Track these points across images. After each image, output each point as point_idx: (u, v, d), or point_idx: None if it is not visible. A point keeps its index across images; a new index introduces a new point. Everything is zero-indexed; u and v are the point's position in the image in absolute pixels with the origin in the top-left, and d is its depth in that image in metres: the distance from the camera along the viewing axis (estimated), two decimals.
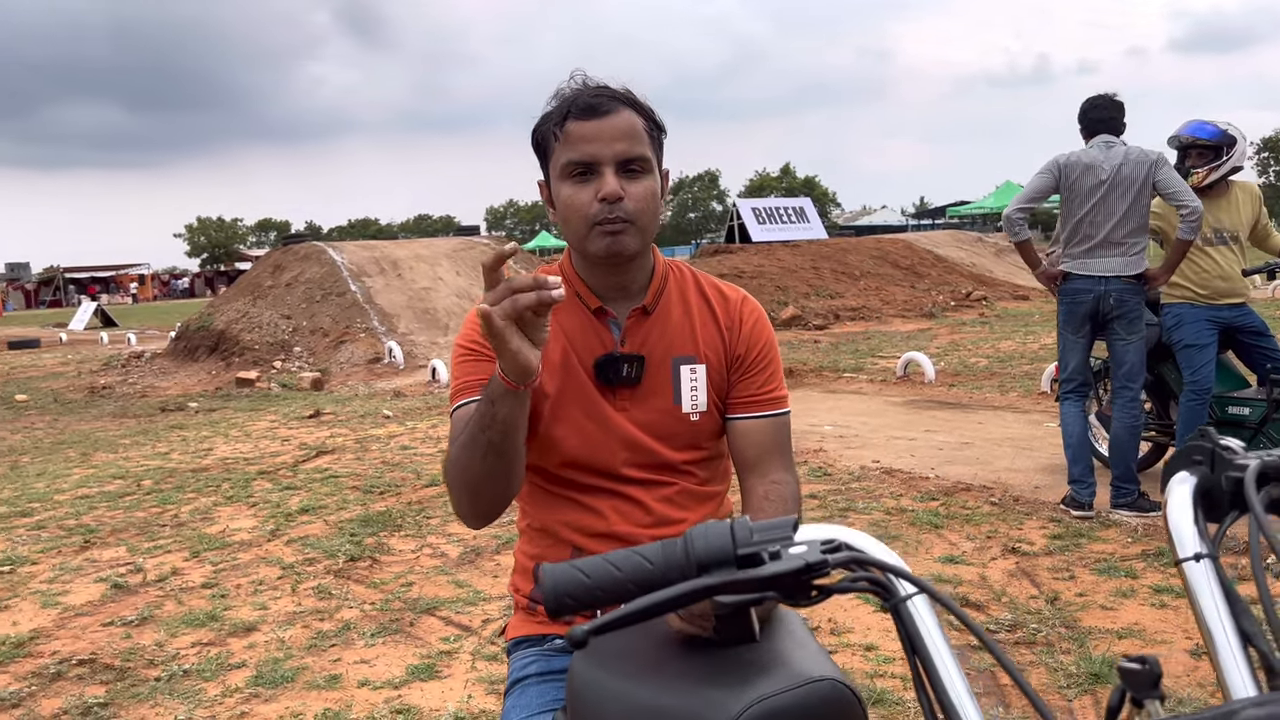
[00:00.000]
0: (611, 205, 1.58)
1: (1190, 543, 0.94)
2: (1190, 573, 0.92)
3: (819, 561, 0.86)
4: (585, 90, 1.63)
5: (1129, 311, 5.00)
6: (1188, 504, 0.97)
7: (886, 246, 23.32)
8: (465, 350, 1.68)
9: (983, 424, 7.91)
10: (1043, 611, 3.95)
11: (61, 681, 3.82)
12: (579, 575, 0.89)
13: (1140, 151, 4.96)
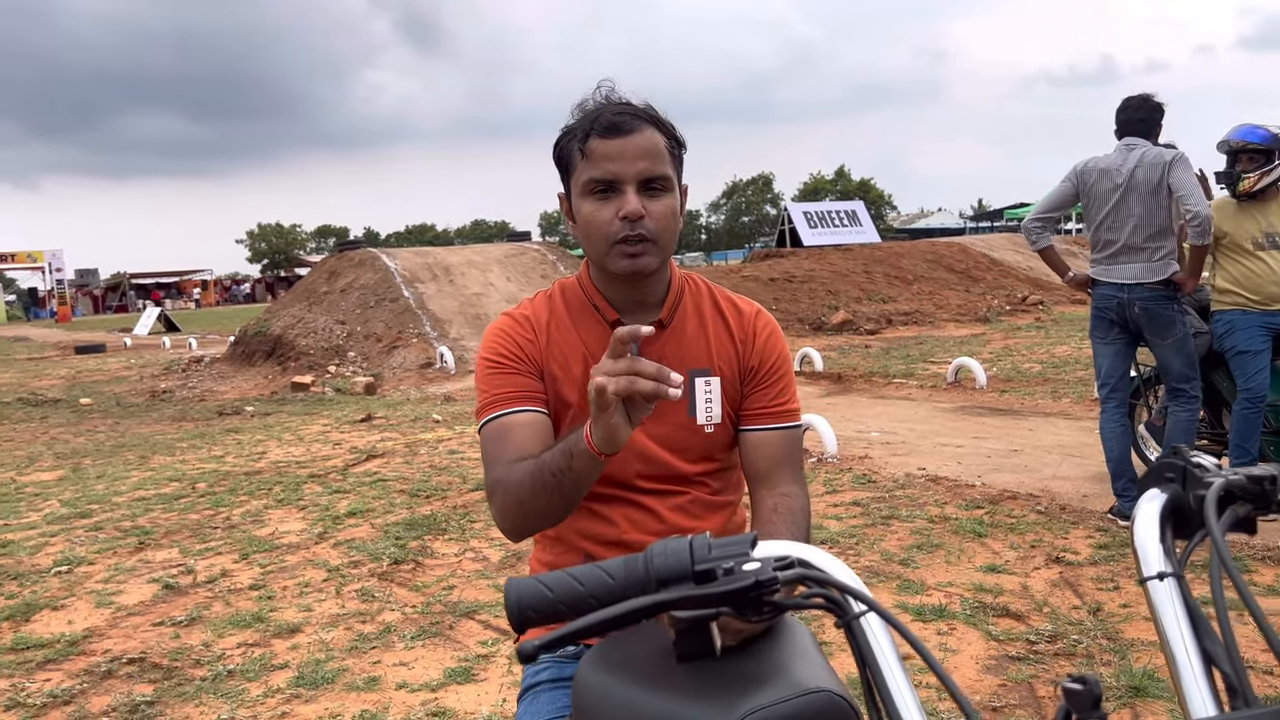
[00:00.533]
0: (633, 224, 1.60)
1: (1155, 561, 0.94)
2: (1154, 591, 0.92)
3: (770, 578, 0.87)
4: (609, 107, 1.65)
5: (1156, 317, 4.91)
6: (1154, 521, 0.97)
7: (941, 250, 23.08)
8: (492, 363, 1.71)
9: (1033, 431, 7.81)
10: (1084, 623, 3.90)
11: (112, 680, 3.93)
12: (542, 589, 0.91)
13: (1156, 153, 4.88)
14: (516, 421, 1.65)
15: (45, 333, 39.59)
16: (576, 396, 1.70)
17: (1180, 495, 0.99)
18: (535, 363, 1.70)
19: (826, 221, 25.12)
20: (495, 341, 1.73)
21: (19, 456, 9.55)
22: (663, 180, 1.63)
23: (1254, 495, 0.98)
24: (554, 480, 1.48)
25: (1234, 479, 0.96)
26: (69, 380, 17.66)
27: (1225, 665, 0.84)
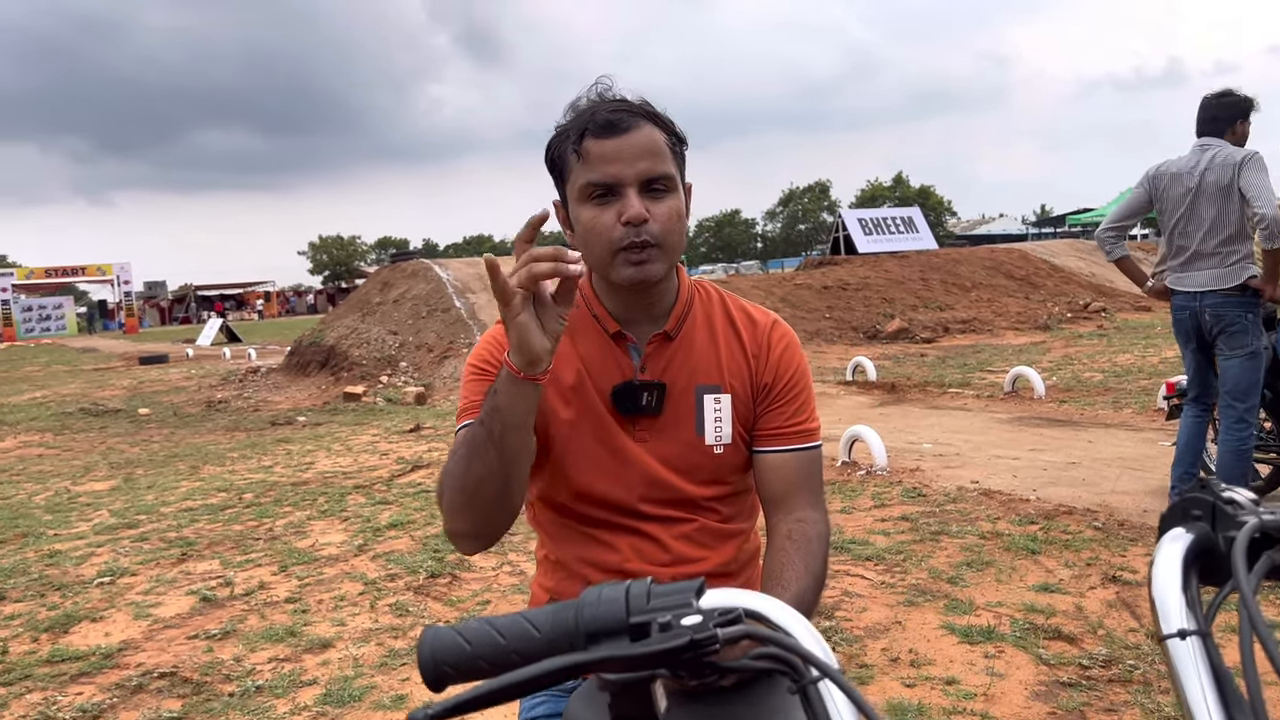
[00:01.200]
0: (636, 228, 1.49)
1: (1175, 616, 0.81)
2: (1174, 651, 0.79)
3: (707, 637, 0.75)
4: (603, 105, 1.54)
5: (1229, 325, 4.68)
6: (1176, 568, 0.84)
7: (1000, 256, 22.61)
8: (475, 370, 1.61)
9: (1093, 443, 7.54)
10: (1142, 647, 3.69)
11: (142, 694, 3.90)
12: (460, 642, 0.80)
13: (1227, 154, 4.64)
14: None
15: (113, 344, 40.46)
16: (569, 412, 1.59)
17: (1208, 536, 0.86)
18: None
19: (882, 228, 24.77)
20: (484, 349, 1.63)
21: (76, 466, 9.69)
22: (666, 180, 1.52)
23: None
24: (484, 431, 1.38)
25: (1270, 520, 0.83)
26: (130, 390, 17.97)
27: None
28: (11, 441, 11.90)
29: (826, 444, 7.87)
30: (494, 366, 1.59)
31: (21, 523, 7.09)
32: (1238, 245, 4.66)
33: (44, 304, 55.99)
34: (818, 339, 17.09)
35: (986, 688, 3.45)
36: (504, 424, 1.37)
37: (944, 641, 3.88)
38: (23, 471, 9.59)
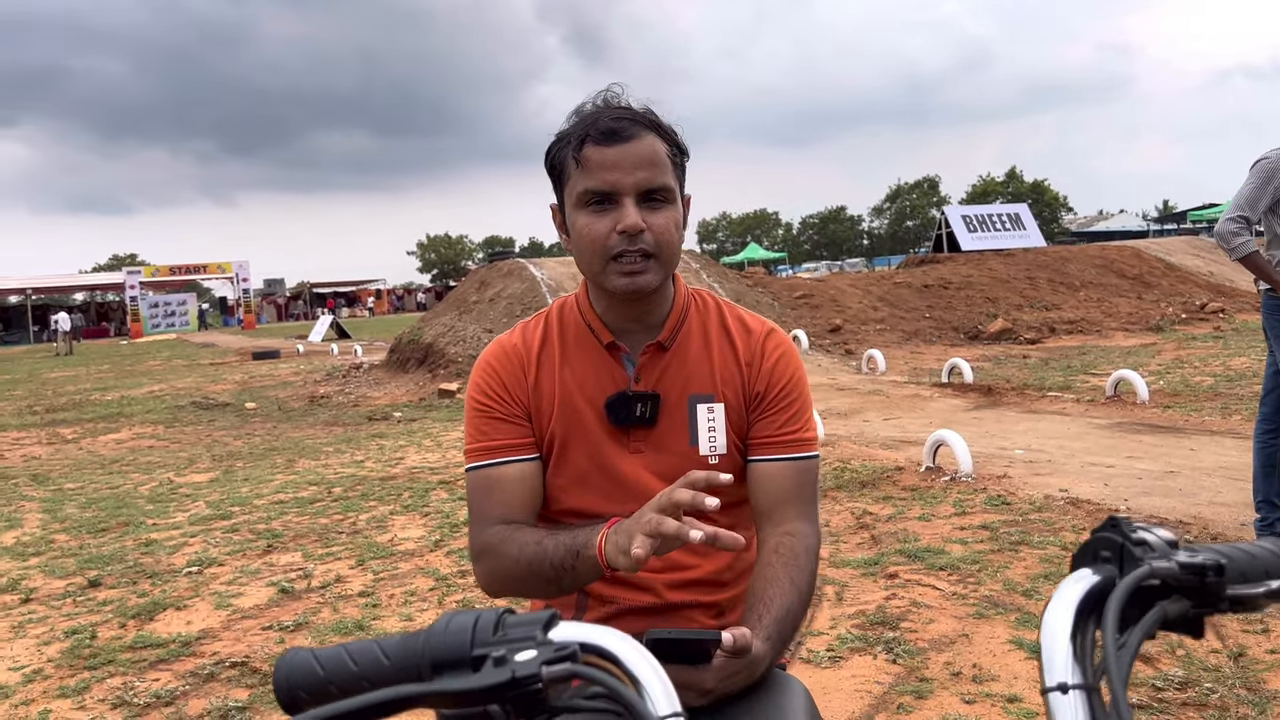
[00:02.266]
0: (632, 239, 1.48)
1: (1059, 668, 0.75)
2: (1054, 705, 0.73)
3: (528, 675, 0.72)
4: (606, 112, 1.53)
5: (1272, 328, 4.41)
6: (1068, 615, 0.78)
7: (1111, 254, 21.79)
8: (480, 406, 1.61)
9: (1195, 451, 7.21)
10: (1222, 669, 3.51)
11: (213, 683, 4.02)
12: (314, 666, 0.79)
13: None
14: (503, 475, 1.57)
15: (230, 339, 42.05)
16: (557, 410, 1.58)
17: (1113, 581, 0.80)
18: (521, 404, 1.59)
19: (987, 225, 24.11)
20: (483, 380, 1.63)
21: (181, 458, 10.09)
22: (664, 191, 1.50)
23: (1192, 590, 0.77)
24: (553, 573, 1.43)
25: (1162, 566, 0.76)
26: (241, 385, 18.63)
27: None
28: (126, 433, 12.45)
29: (912, 448, 7.73)
30: (495, 403, 1.60)
31: (124, 512, 7.41)
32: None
33: (169, 300, 58.49)
34: (916, 339, 16.75)
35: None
36: (575, 583, 1.45)
37: (1011, 657, 3.75)
38: (132, 462, 10.02)
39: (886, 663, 3.77)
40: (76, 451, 11.14)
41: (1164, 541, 0.80)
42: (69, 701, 3.93)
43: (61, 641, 4.61)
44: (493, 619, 0.78)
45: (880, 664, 3.77)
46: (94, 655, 4.39)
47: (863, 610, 4.32)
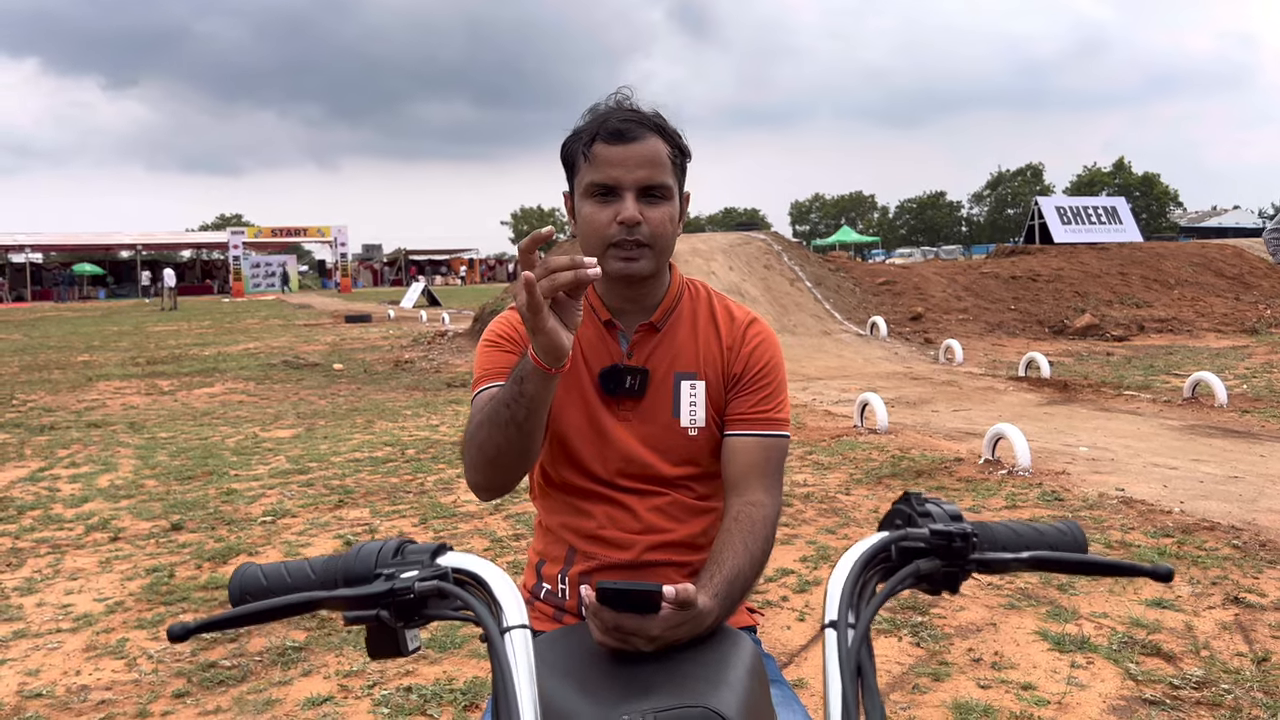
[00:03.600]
0: (630, 229, 1.64)
1: (833, 608, 0.90)
2: (826, 638, 0.88)
3: (403, 587, 0.89)
4: (616, 113, 1.68)
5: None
6: (850, 565, 0.93)
7: (1211, 253, 21.13)
8: (490, 342, 1.79)
9: (1265, 457, 7.09)
10: (1244, 672, 3.54)
11: (274, 624, 4.32)
12: (259, 576, 0.97)
13: None
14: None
15: (326, 301, 43.30)
16: (562, 390, 1.74)
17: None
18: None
19: (1081, 218, 23.53)
20: (496, 325, 1.81)
21: (268, 414, 10.56)
22: (662, 189, 1.66)
23: (942, 551, 0.91)
24: (508, 411, 1.51)
25: (915, 531, 0.90)
26: (331, 347, 19.26)
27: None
28: (219, 388, 13.03)
29: (975, 440, 7.74)
30: (509, 341, 1.77)
31: (210, 462, 7.83)
32: None
33: (270, 261, 60.33)
34: (998, 331, 16.54)
35: (1062, 696, 3.40)
36: (529, 408, 1.51)
37: (1033, 647, 3.83)
38: (222, 415, 10.53)
39: (910, 645, 3.88)
40: (171, 403, 11.72)
41: (946, 513, 0.94)
42: (145, 632, 4.26)
43: (143, 578, 4.96)
44: (394, 546, 0.96)
45: (904, 646, 3.88)
46: (170, 592, 4.73)
47: (896, 596, 4.42)
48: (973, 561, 0.98)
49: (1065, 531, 1.07)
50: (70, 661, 3.97)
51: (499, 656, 0.93)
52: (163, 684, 3.72)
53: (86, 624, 4.37)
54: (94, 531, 5.87)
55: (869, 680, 0.84)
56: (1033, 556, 1.02)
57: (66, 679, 3.80)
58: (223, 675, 3.78)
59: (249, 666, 3.86)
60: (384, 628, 0.96)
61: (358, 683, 3.68)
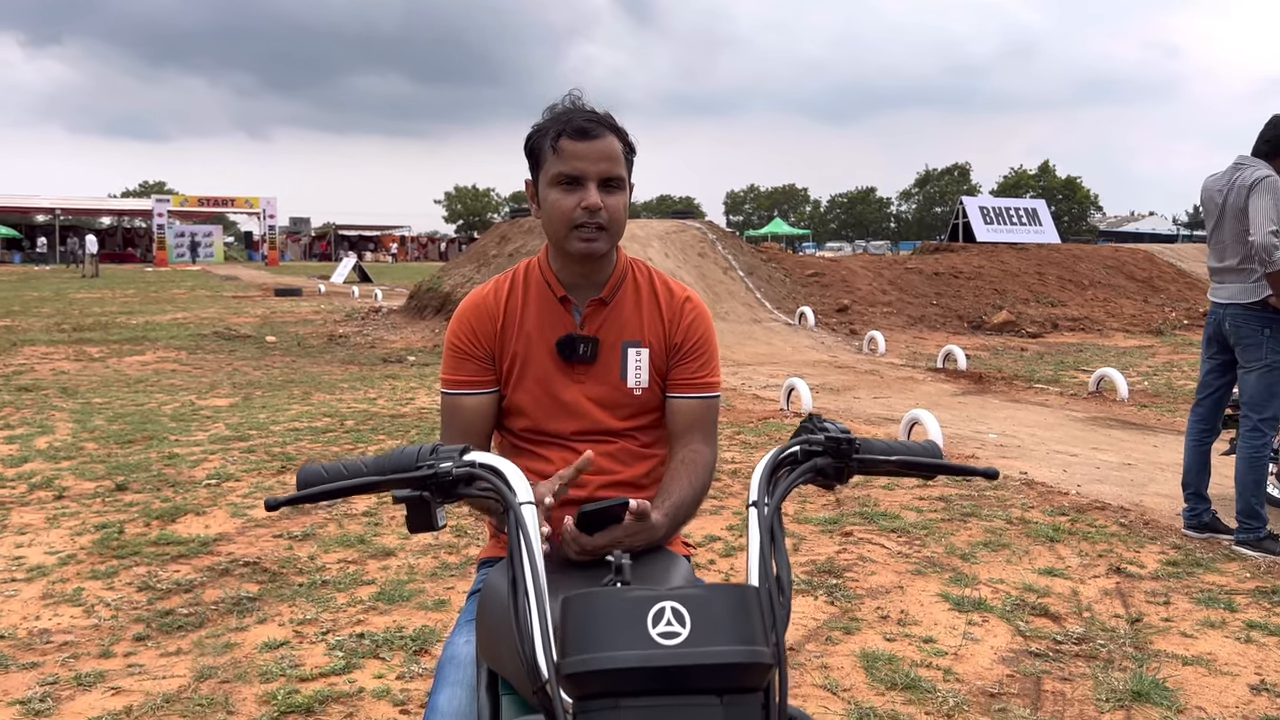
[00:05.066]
0: (592, 214, 1.92)
1: (754, 492, 1.21)
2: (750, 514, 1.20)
3: (443, 471, 1.19)
4: (579, 113, 1.97)
5: (1244, 339, 4.83)
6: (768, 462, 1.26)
7: (1124, 256, 22.08)
8: (457, 349, 2.06)
9: (1157, 447, 7.62)
10: (1118, 630, 3.96)
11: (227, 577, 4.53)
12: (321, 471, 1.26)
13: (1246, 176, 4.76)
14: (464, 404, 2.04)
15: (253, 274, 42.69)
16: (518, 348, 2.03)
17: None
18: (486, 347, 2.04)
19: (1003, 218, 24.37)
20: (459, 326, 2.07)
21: (203, 383, 10.62)
22: (619, 180, 1.95)
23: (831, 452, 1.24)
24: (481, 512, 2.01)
25: (813, 437, 1.23)
26: (262, 319, 19.19)
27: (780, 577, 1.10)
28: (151, 356, 13.00)
29: (893, 425, 8.18)
30: (465, 347, 2.05)
31: (149, 427, 7.93)
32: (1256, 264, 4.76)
33: (195, 231, 59.14)
34: (920, 325, 17.13)
35: (958, 649, 3.78)
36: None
37: (936, 607, 4.21)
38: (156, 383, 10.56)
39: (825, 604, 4.24)
40: (103, 369, 11.69)
41: (837, 428, 1.27)
42: (99, 583, 4.43)
43: (92, 534, 5.12)
44: (430, 448, 1.25)
45: (819, 604, 4.23)
46: (121, 547, 4.90)
47: (814, 560, 4.79)
48: (854, 460, 1.32)
49: (926, 448, 1.42)
50: (28, 608, 4.14)
51: (515, 522, 1.22)
52: (123, 629, 3.92)
53: (40, 574, 4.53)
54: (38, 490, 5.99)
55: (779, 541, 1.16)
56: (899, 459, 1.37)
57: (26, 623, 3.98)
58: (181, 621, 3.99)
59: (205, 614, 4.08)
60: (423, 505, 1.25)
61: (311, 629, 3.93)
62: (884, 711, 3.25)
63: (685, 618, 0.99)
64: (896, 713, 3.25)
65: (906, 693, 3.41)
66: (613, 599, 1.02)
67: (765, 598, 1.06)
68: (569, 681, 1.01)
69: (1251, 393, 4.86)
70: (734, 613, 1.01)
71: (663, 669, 0.97)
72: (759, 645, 1.00)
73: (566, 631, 1.02)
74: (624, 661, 0.97)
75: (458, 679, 1.83)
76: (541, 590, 1.17)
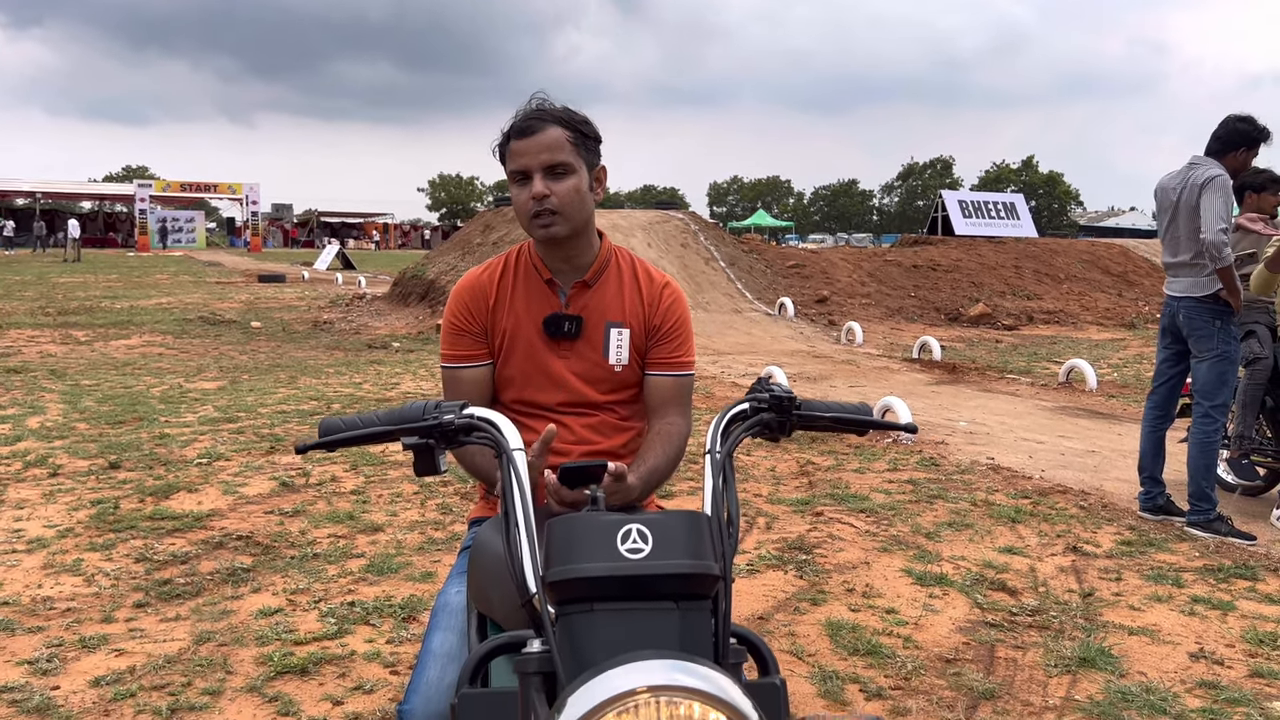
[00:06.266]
0: (540, 201, 2.10)
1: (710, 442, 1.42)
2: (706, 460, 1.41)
3: (448, 421, 1.39)
4: (523, 113, 2.15)
5: (1196, 330, 5.07)
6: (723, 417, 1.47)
7: (1100, 251, 22.42)
8: (454, 325, 2.24)
9: (1121, 436, 7.87)
10: (1071, 604, 4.19)
11: (221, 550, 4.70)
12: (340, 422, 1.45)
13: (1199, 174, 4.99)
14: (462, 376, 2.23)
15: (237, 260, 42.61)
16: (508, 325, 2.21)
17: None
18: (481, 323, 2.22)
19: (982, 212, 24.68)
20: (456, 305, 2.25)
21: (190, 366, 10.75)
22: (563, 166, 2.10)
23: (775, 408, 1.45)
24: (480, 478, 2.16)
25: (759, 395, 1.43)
26: (246, 305, 19.27)
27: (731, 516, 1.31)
28: (137, 340, 13.10)
29: None
30: (462, 324, 2.23)
31: (139, 408, 8.08)
32: (1207, 260, 4.99)
33: (177, 216, 58.89)
34: (898, 316, 17.39)
35: (919, 619, 4.00)
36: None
37: (899, 582, 4.43)
38: (144, 366, 10.69)
39: (794, 578, 4.45)
40: (90, 353, 11.80)
41: (783, 390, 1.47)
42: (98, 554, 4.60)
43: (88, 509, 5.28)
44: (434, 403, 1.44)
45: (789, 578, 4.45)
46: (118, 521, 5.07)
47: (785, 538, 5.00)
48: (795, 415, 1.53)
49: (859, 408, 1.63)
50: (30, 577, 4.31)
51: (508, 464, 1.42)
52: (123, 596, 4.10)
53: (40, 546, 4.70)
54: (33, 467, 6.13)
55: (729, 481, 1.38)
56: (833, 416, 1.58)
57: (29, 591, 4.15)
58: (178, 590, 4.17)
59: (201, 584, 4.25)
60: (428, 452, 1.45)
61: (304, 598, 4.11)
62: (846, 674, 3.47)
63: (648, 536, 1.19)
64: (858, 675, 3.46)
65: (868, 658, 3.62)
66: (589, 521, 1.22)
67: (715, 524, 1.27)
68: (551, 589, 1.21)
69: (1203, 381, 5.10)
70: (688, 533, 1.21)
71: (629, 578, 1.17)
72: (708, 560, 1.20)
73: (550, 548, 1.21)
74: (597, 571, 1.17)
75: (449, 625, 2.03)
76: (530, 520, 1.37)
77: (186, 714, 3.14)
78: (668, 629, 1.17)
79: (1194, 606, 4.18)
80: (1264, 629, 3.93)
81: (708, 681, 1.03)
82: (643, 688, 1.01)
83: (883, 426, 1.71)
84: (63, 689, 3.29)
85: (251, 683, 3.35)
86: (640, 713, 1.04)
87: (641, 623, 1.17)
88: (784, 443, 7.05)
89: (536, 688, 1.23)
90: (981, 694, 3.36)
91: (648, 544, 1.18)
